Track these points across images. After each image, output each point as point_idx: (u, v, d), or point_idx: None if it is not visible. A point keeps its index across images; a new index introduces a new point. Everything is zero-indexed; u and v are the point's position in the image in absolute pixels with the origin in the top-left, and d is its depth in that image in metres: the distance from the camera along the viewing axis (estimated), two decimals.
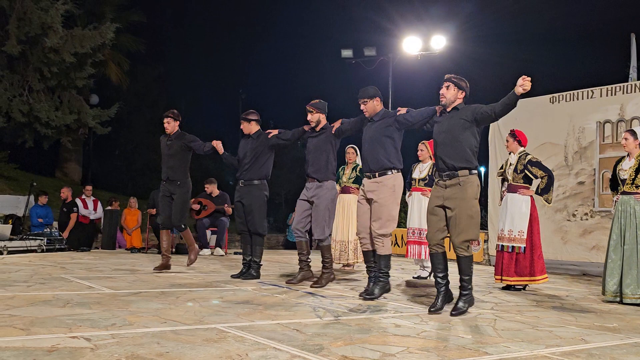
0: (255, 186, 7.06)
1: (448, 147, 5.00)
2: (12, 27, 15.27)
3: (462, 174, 4.93)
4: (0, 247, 9.31)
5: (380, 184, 5.63)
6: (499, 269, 7.04)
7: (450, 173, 4.97)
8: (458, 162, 4.94)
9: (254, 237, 7.10)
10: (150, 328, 3.72)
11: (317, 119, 6.55)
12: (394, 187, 5.64)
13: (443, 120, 5.14)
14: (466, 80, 5.16)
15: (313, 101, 6.61)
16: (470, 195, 4.92)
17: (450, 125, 5.05)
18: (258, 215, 7.04)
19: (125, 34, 21.18)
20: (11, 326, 3.57)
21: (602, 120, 9.98)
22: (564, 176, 10.28)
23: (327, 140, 6.50)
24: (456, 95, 5.08)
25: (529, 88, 4.66)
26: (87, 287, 5.65)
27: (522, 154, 7.09)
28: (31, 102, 16.32)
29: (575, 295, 6.81)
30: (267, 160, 7.14)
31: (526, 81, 4.64)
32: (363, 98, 5.78)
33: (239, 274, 7.13)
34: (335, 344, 3.50)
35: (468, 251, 4.97)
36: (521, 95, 4.69)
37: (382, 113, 5.80)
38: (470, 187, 4.92)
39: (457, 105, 5.08)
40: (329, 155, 6.51)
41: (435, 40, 16.82)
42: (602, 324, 4.77)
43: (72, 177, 21.87)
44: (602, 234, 9.37)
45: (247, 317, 4.30)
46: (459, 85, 5.07)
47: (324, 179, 6.48)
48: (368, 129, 5.84)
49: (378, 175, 5.65)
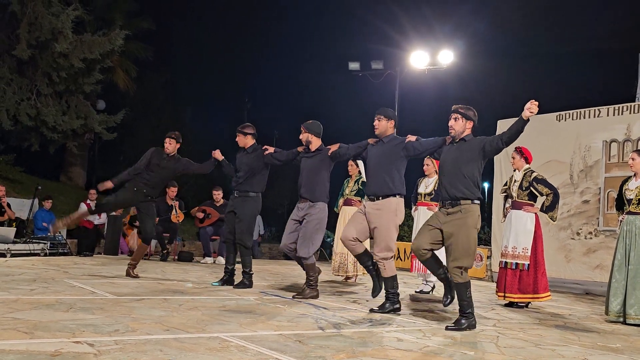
0: (250, 198, 7.09)
1: (453, 177, 5.13)
2: (23, 31, 15.37)
3: (464, 203, 5.05)
4: (4, 250, 9.32)
5: (381, 210, 5.69)
6: (501, 286, 7.02)
7: (453, 202, 5.09)
8: (461, 192, 5.06)
9: (240, 248, 7.11)
10: (153, 335, 3.72)
11: (305, 138, 6.54)
12: (395, 211, 5.71)
13: (451, 149, 5.26)
14: (473, 108, 5.27)
15: (308, 122, 6.63)
16: (470, 224, 5.04)
17: (456, 156, 5.17)
18: (246, 226, 7.06)
19: (134, 40, 21.27)
20: (15, 329, 3.58)
21: (609, 139, 9.98)
22: (569, 194, 10.27)
23: (321, 162, 6.47)
24: (464, 126, 5.19)
25: (535, 112, 4.82)
26: (90, 292, 5.66)
27: (528, 171, 7.09)
28: (39, 106, 16.40)
29: (578, 315, 6.78)
30: (263, 175, 7.17)
31: (534, 105, 4.79)
32: (380, 115, 5.85)
33: (220, 282, 7.18)
34: (337, 356, 3.50)
35: (462, 277, 5.01)
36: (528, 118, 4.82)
37: (392, 137, 5.86)
38: (471, 217, 5.04)
39: (465, 136, 5.19)
40: (323, 177, 6.47)
41: (442, 55, 16.86)
42: (605, 344, 4.76)
43: (76, 182, 21.91)
44: (606, 253, 9.33)
45: (249, 327, 4.30)
46: (467, 116, 5.19)
47: (317, 200, 6.42)
48: (375, 150, 5.89)
49: (381, 199, 5.71)
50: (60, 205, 15.67)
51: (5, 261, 8.52)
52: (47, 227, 11.63)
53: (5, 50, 16.16)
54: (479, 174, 5.15)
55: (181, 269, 9.31)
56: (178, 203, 11.97)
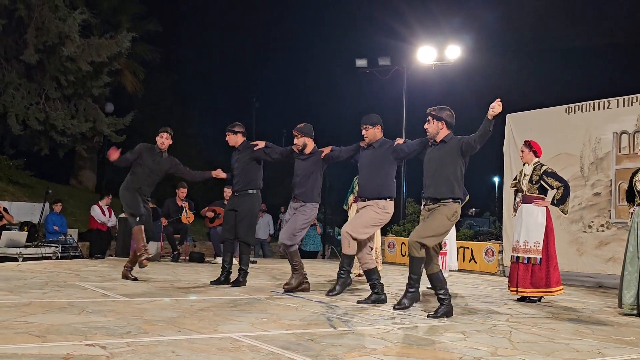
0: (249, 195, 7.11)
1: (435, 179, 5.39)
2: (31, 36, 15.45)
3: (445, 202, 5.32)
4: (16, 254, 9.37)
5: (369, 205, 6.11)
6: (514, 281, 6.99)
7: (434, 199, 5.37)
8: (442, 193, 5.32)
9: (242, 245, 7.15)
10: (165, 336, 3.73)
11: (302, 142, 6.71)
12: (384, 207, 6.09)
13: (433, 150, 5.51)
14: (449, 108, 5.49)
15: (299, 125, 6.77)
16: (445, 213, 5.31)
17: (438, 157, 5.42)
18: (248, 224, 7.10)
19: (141, 42, 21.32)
20: (27, 333, 3.59)
21: (619, 131, 9.90)
22: (579, 187, 10.20)
23: (315, 164, 6.69)
24: (437, 126, 5.42)
25: (499, 111, 4.98)
26: (101, 295, 5.67)
27: (537, 164, 7.05)
28: (47, 110, 16.47)
29: (592, 308, 6.74)
30: (257, 171, 7.18)
31: (497, 104, 4.96)
32: (366, 124, 6.19)
33: (217, 281, 7.17)
34: (350, 355, 3.49)
35: (420, 253, 5.31)
36: (497, 115, 5.01)
37: (382, 141, 6.19)
38: (448, 209, 5.32)
39: (445, 137, 5.41)
40: (316, 179, 6.70)
41: (450, 50, 16.77)
42: (620, 337, 4.72)
43: (86, 185, 22.00)
44: (618, 245, 9.27)
45: (261, 326, 4.30)
46: (438, 117, 5.42)
47: (309, 200, 6.67)
48: (366, 154, 6.25)
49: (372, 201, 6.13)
50: (70, 209, 15.75)
51: (18, 265, 8.56)
52: (58, 231, 11.67)
53: (13, 55, 16.25)
54: (462, 173, 5.39)
55: (192, 270, 9.32)
56: (188, 204, 11.98)
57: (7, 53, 16.35)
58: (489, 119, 5.02)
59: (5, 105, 15.97)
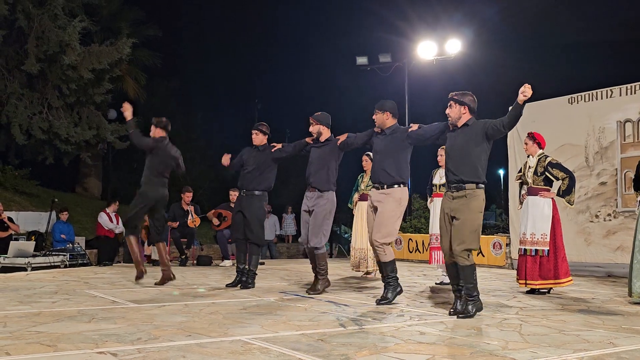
0: (256, 197, 7.11)
1: (458, 162, 5.22)
2: (31, 46, 15.51)
3: (469, 187, 5.14)
4: (25, 264, 9.40)
5: (388, 195, 5.89)
6: (522, 273, 6.98)
7: (458, 185, 5.18)
8: (466, 176, 5.15)
9: (252, 246, 7.16)
10: (175, 342, 3.73)
11: (317, 130, 6.68)
12: (400, 200, 5.92)
13: (456, 135, 5.34)
14: (471, 93, 5.36)
15: (316, 113, 6.75)
16: (475, 208, 5.12)
17: (462, 141, 5.25)
18: (257, 226, 7.10)
19: (142, 48, 21.35)
20: (38, 343, 3.60)
21: (623, 119, 9.87)
22: (585, 177, 10.17)
23: (331, 152, 6.63)
24: (460, 111, 5.27)
25: (530, 95, 4.88)
26: (111, 302, 5.69)
27: (542, 156, 7.03)
28: (51, 119, 16.53)
29: (601, 298, 6.72)
30: (271, 173, 7.21)
31: (527, 88, 4.87)
32: (376, 109, 6.05)
33: (233, 283, 7.19)
34: (361, 353, 3.49)
35: (469, 260, 5.09)
36: (527, 101, 4.90)
37: (394, 127, 6.03)
38: (476, 201, 5.13)
39: (467, 121, 5.27)
40: (331, 167, 6.63)
41: (450, 44, 16.73)
42: (631, 327, 4.71)
43: (92, 192, 22.04)
44: (626, 234, 9.24)
45: (271, 328, 4.30)
46: (460, 102, 5.27)
47: (325, 189, 6.60)
48: (379, 141, 6.09)
49: (387, 187, 5.91)
50: (77, 217, 15.79)
51: (26, 275, 8.59)
52: (65, 239, 11.70)
53: (14, 65, 16.32)
54: (486, 157, 5.24)
55: (200, 273, 9.34)
56: (194, 208, 11.99)
57: (9, 63, 16.42)
58: (520, 104, 4.92)
59: (8, 115, 16.04)
